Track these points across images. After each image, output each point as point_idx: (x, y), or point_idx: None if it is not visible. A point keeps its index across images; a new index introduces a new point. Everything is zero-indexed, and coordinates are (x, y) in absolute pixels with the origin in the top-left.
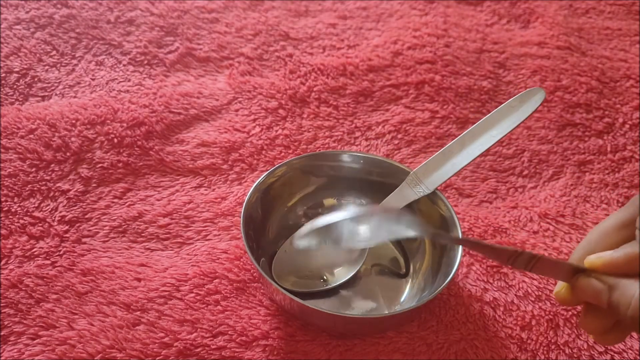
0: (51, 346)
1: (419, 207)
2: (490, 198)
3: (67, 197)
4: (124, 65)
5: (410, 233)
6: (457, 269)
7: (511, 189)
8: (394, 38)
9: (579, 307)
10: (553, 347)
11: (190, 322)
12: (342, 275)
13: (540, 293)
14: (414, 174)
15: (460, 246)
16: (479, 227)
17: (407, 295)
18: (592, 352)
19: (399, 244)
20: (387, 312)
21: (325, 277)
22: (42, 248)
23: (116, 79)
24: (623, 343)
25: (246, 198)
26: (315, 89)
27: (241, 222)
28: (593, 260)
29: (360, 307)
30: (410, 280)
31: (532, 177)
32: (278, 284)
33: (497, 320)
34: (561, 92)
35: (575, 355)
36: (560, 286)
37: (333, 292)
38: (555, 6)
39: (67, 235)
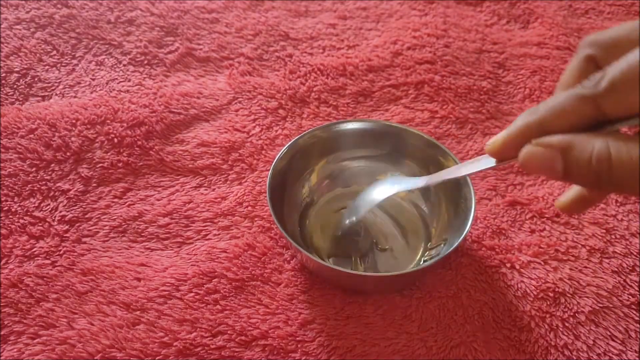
0: (51, 346)
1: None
2: (490, 195)
3: (67, 196)
4: (124, 65)
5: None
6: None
7: (510, 186)
8: (393, 38)
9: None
10: (552, 349)
11: (190, 322)
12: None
13: (539, 293)
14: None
15: (473, 208)
16: (478, 229)
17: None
18: (591, 355)
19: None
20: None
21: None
22: (42, 248)
23: (116, 79)
24: (622, 344)
25: (274, 160)
26: (315, 89)
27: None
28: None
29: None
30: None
31: (530, 175)
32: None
33: (496, 322)
34: None
35: (574, 357)
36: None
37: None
38: (554, 6)
39: (67, 235)
